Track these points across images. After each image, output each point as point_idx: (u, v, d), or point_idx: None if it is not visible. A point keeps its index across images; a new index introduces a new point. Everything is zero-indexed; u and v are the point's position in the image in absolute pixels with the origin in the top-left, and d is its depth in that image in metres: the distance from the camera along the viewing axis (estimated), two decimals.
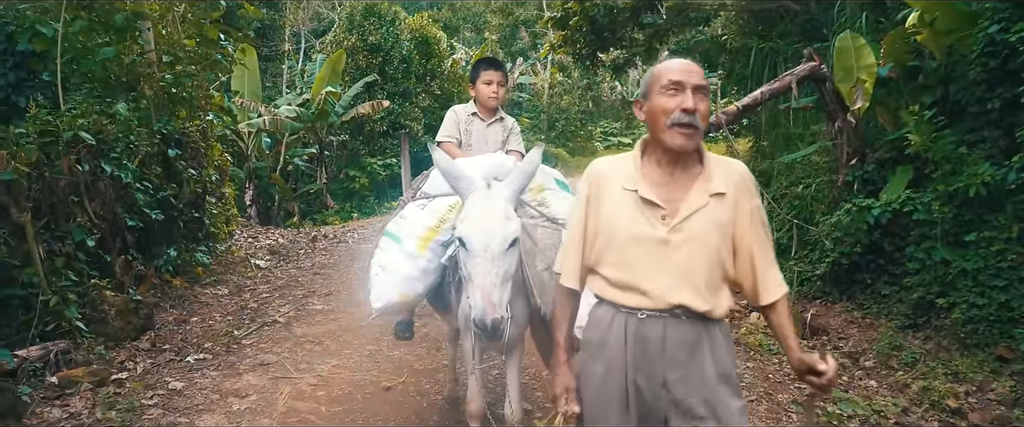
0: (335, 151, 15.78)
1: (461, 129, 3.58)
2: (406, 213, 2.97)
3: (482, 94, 3.53)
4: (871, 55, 5.68)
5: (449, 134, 3.56)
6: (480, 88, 3.54)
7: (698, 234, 1.76)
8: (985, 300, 4.27)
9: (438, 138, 3.55)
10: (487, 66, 3.58)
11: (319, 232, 9.60)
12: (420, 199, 3.03)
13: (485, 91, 3.52)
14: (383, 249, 2.90)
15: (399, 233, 2.88)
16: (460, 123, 3.58)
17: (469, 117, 3.60)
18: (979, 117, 4.85)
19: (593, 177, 1.90)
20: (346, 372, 4.45)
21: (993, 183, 4.38)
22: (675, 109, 1.74)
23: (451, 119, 3.61)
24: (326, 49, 17.23)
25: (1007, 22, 4.56)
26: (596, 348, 1.84)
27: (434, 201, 2.94)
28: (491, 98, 3.52)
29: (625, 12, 10.51)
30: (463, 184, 2.30)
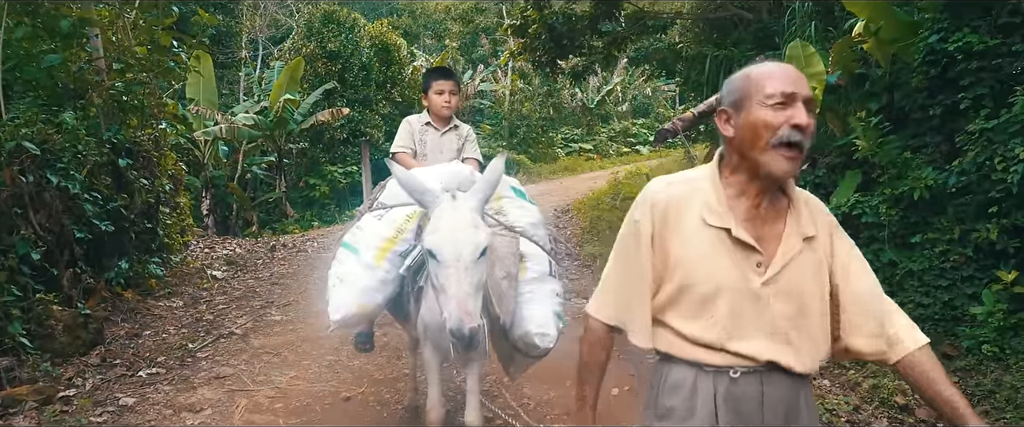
0: (294, 159, 15.58)
1: (416, 139, 3.60)
2: (363, 224, 2.97)
3: (434, 104, 3.57)
4: (820, 63, 5.83)
5: (403, 144, 3.58)
6: (432, 98, 3.58)
7: (796, 285, 1.46)
8: (930, 300, 4.41)
9: (393, 149, 3.60)
10: (438, 76, 3.62)
11: (278, 241, 9.46)
12: (377, 210, 3.03)
13: (437, 101, 3.56)
14: (340, 260, 2.88)
15: (356, 244, 2.87)
16: (414, 133, 3.61)
17: (423, 127, 3.62)
18: (922, 123, 5.02)
19: (657, 206, 1.52)
20: (305, 383, 4.39)
21: (936, 186, 4.53)
22: (783, 124, 1.41)
23: (405, 130, 3.63)
24: (284, 56, 17.02)
25: (946, 32, 4.74)
26: (681, 418, 1.49)
27: (391, 211, 2.94)
28: (444, 107, 3.57)
29: (583, 20, 10.61)
30: (428, 197, 2.32)
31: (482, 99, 20.98)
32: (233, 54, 19.15)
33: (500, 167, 2.40)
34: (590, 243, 8.02)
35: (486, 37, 23.95)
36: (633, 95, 25.28)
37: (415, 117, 3.70)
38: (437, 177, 2.70)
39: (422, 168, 3.05)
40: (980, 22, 4.68)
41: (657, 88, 23.47)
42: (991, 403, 3.66)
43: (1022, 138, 4.10)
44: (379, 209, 3.03)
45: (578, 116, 22.75)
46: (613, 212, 9.12)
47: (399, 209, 2.93)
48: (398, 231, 2.84)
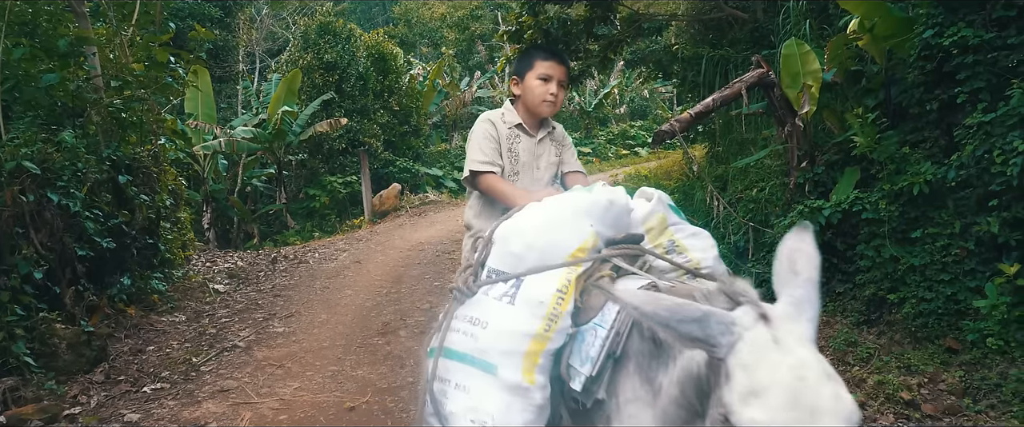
0: (294, 170, 15.60)
1: (503, 148, 2.51)
2: (479, 313, 1.87)
3: (534, 95, 2.52)
4: (816, 61, 5.84)
5: (490, 160, 2.46)
6: (532, 86, 2.53)
7: None
8: (933, 294, 4.40)
9: (473, 166, 2.45)
10: (545, 56, 2.56)
11: (279, 253, 9.47)
12: (489, 281, 1.92)
13: (539, 92, 2.52)
14: (462, 387, 1.82)
15: (482, 353, 1.81)
16: (501, 140, 2.51)
17: (512, 130, 2.54)
18: (919, 118, 5.02)
19: None
20: (309, 394, 4.39)
21: (935, 181, 4.53)
22: None
23: (486, 134, 2.51)
24: (281, 68, 17.06)
25: (941, 27, 4.74)
26: None
27: (524, 285, 1.85)
28: (546, 102, 2.53)
29: (579, 24, 10.63)
30: (713, 326, 1.23)
31: (479, 106, 21.01)
32: (231, 68, 19.21)
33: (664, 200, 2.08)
34: None
35: (482, 44, 24.01)
36: (630, 97, 25.30)
37: (497, 114, 2.60)
38: (576, 211, 1.92)
39: (550, 197, 2.10)
40: (975, 16, 4.68)
41: (654, 90, 23.50)
42: (998, 397, 3.65)
43: (1020, 131, 4.10)
44: (491, 279, 1.92)
45: (576, 119, 22.78)
46: None
47: (537, 282, 1.84)
48: (549, 320, 1.78)
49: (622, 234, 1.99)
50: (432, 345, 1.96)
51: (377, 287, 7.02)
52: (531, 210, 2.02)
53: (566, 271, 1.84)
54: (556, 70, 2.54)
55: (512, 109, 2.60)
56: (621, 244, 1.96)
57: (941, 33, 4.71)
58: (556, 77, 2.53)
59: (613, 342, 1.70)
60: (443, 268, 7.65)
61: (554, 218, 1.93)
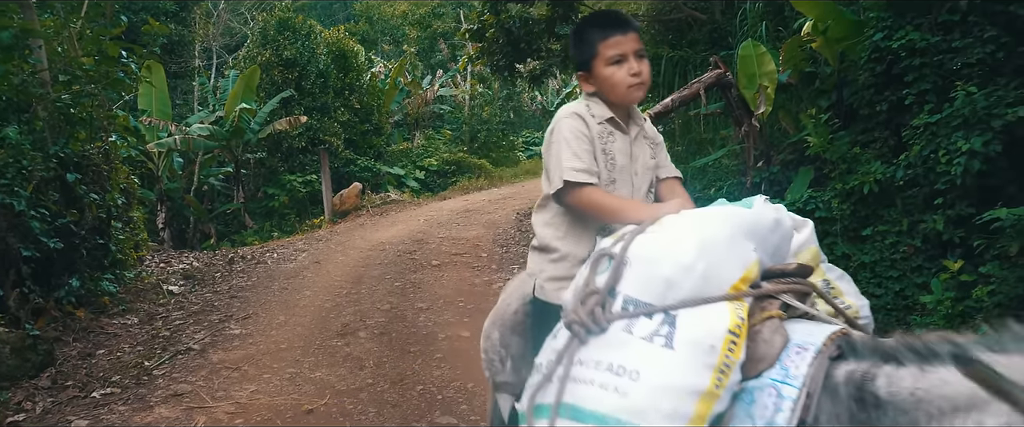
0: (252, 169, 15.31)
1: (595, 150, 1.97)
2: (621, 357, 1.41)
3: (617, 84, 1.97)
4: (772, 62, 5.96)
5: (587, 166, 1.92)
6: (608, 75, 1.97)
7: None
8: (883, 290, 4.53)
9: (569, 175, 1.89)
10: (605, 30, 1.99)
11: (237, 253, 9.28)
12: (629, 313, 1.47)
13: (620, 78, 1.96)
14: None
15: (637, 415, 1.35)
16: (594, 141, 1.97)
17: (603, 127, 2.00)
18: (870, 119, 5.16)
19: None
20: (266, 397, 4.31)
21: (884, 180, 4.66)
22: None
23: (579, 133, 1.95)
24: (239, 65, 16.74)
25: (890, 30, 4.88)
26: None
27: (680, 323, 1.41)
28: (635, 85, 1.98)
29: (540, 23, 10.66)
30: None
31: (442, 104, 20.93)
32: (186, 63, 18.76)
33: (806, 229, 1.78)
34: None
35: (444, 42, 23.91)
36: None
37: (581, 106, 2.01)
38: (738, 230, 1.53)
39: (663, 210, 1.74)
40: (921, 20, 4.83)
41: None
42: None
43: (964, 131, 4.23)
44: (629, 311, 1.47)
45: (539, 119, 22.85)
46: None
47: (699, 318, 1.41)
48: (720, 373, 1.37)
49: (780, 264, 1.61)
50: (540, 400, 1.48)
51: (337, 288, 6.93)
52: (680, 224, 1.57)
53: (733, 307, 1.42)
54: (625, 42, 1.95)
55: (598, 100, 2.02)
56: (788, 277, 1.56)
57: (890, 36, 4.85)
58: (630, 50, 1.96)
59: (804, 408, 1.28)
60: (404, 268, 7.60)
61: (714, 237, 1.49)
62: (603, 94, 2.02)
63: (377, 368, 4.69)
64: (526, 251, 8.12)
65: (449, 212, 11.52)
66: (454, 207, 12.13)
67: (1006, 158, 4.15)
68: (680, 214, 1.66)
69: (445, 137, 19.72)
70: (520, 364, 2.06)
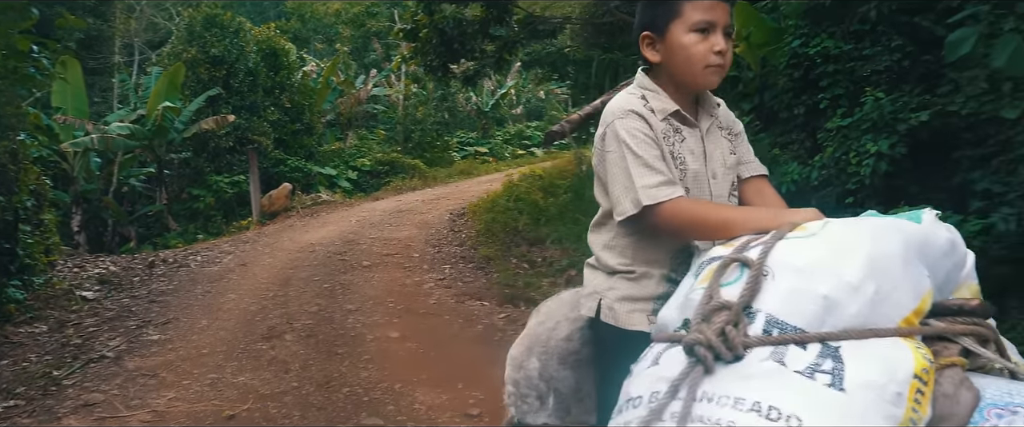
0: (176, 169, 14.76)
1: (664, 154, 1.55)
2: (769, 396, 1.04)
3: (692, 58, 1.53)
4: None
5: (667, 177, 1.50)
6: (686, 44, 1.53)
7: None
8: None
9: (649, 197, 1.47)
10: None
11: (157, 257, 8.92)
12: (774, 340, 1.11)
13: (699, 51, 1.52)
14: None
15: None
16: (658, 139, 1.55)
17: (666, 123, 1.58)
18: (788, 122, 5.37)
19: None
20: (184, 404, 4.16)
21: (800, 180, 4.85)
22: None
23: (644, 136, 1.53)
24: (163, 62, 16.14)
25: (807, 37, 5.10)
26: None
27: (852, 361, 1.07)
28: (714, 68, 1.55)
29: (474, 24, 10.67)
30: None
31: (375, 104, 20.68)
32: (106, 60, 17.94)
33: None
34: (485, 245, 8.05)
35: (378, 41, 23.64)
36: (527, 98, 25.64)
37: (635, 100, 1.58)
38: (910, 249, 1.19)
39: (785, 218, 1.34)
40: (835, 29, 5.05)
41: (550, 91, 23.93)
42: None
43: (873, 134, 4.45)
44: (773, 336, 1.12)
45: (473, 119, 22.84)
46: (508, 213, 9.20)
47: (873, 355, 1.08)
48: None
49: (956, 299, 1.28)
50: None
51: (263, 290, 6.75)
52: (840, 231, 1.22)
53: (914, 345, 1.10)
54: (718, 9, 1.51)
55: (656, 87, 1.59)
56: (966, 315, 1.23)
57: (807, 43, 5.06)
58: (721, 22, 1.51)
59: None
60: (334, 269, 7.46)
61: (888, 253, 1.15)
62: (669, 70, 1.57)
63: (303, 371, 4.59)
64: (458, 251, 8.09)
65: (382, 213, 11.39)
66: (387, 207, 12.00)
67: (910, 160, 4.38)
68: (829, 222, 1.27)
69: (378, 137, 19.47)
70: (570, 402, 1.70)
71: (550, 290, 6.27)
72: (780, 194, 5.22)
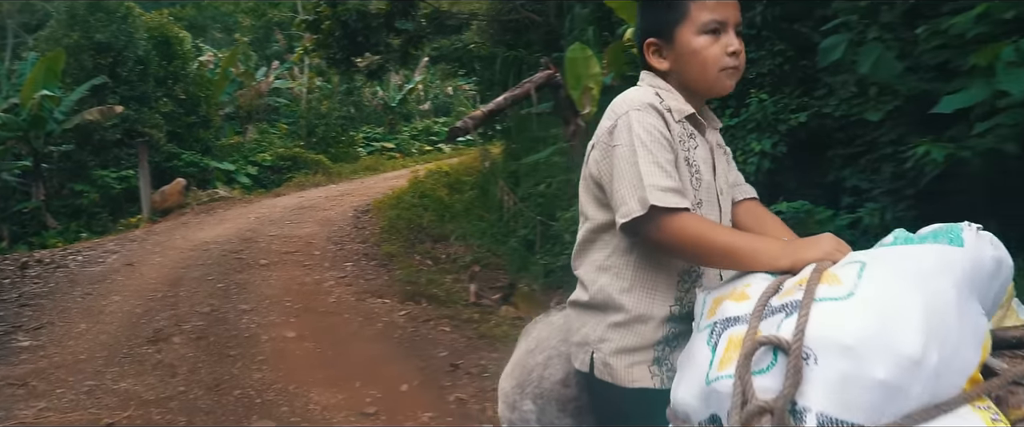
0: (56, 163, 13.74)
1: (679, 160, 1.38)
2: None
3: (707, 62, 1.39)
4: (597, 65, 6.27)
5: (677, 185, 1.32)
6: (698, 47, 1.39)
7: None
8: None
9: (659, 198, 1.27)
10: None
11: (32, 257, 8.28)
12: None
13: (714, 54, 1.39)
14: None
15: None
16: (675, 142, 1.38)
17: (681, 126, 1.42)
18: None
19: None
20: (56, 414, 3.88)
21: None
22: None
23: (660, 136, 1.34)
24: (41, 47, 15.00)
25: None
26: None
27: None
28: (730, 70, 1.41)
29: (379, 18, 10.50)
30: None
31: (277, 97, 19.99)
32: None
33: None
34: (388, 242, 7.96)
35: (281, 32, 22.87)
36: (435, 94, 25.49)
37: (654, 95, 1.41)
38: (962, 286, 1.02)
39: (808, 252, 1.19)
40: None
41: (458, 87, 23.89)
42: None
43: (757, 134, 4.70)
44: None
45: (380, 114, 22.48)
46: (412, 210, 9.13)
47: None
48: None
49: (1010, 327, 1.16)
50: None
51: (151, 291, 6.39)
52: (879, 280, 1.02)
53: (981, 411, 0.96)
54: (728, 7, 1.40)
55: (668, 87, 1.43)
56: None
57: None
58: (731, 21, 1.39)
59: None
60: (229, 268, 7.16)
61: (942, 304, 0.98)
62: (681, 76, 1.42)
63: (191, 374, 4.38)
64: (361, 248, 7.98)
65: (283, 209, 11.04)
66: (288, 204, 11.64)
67: (789, 158, 4.66)
68: (862, 266, 1.05)
69: (280, 131, 18.84)
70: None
71: (453, 287, 6.29)
72: None
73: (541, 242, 6.29)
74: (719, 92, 1.45)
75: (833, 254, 1.15)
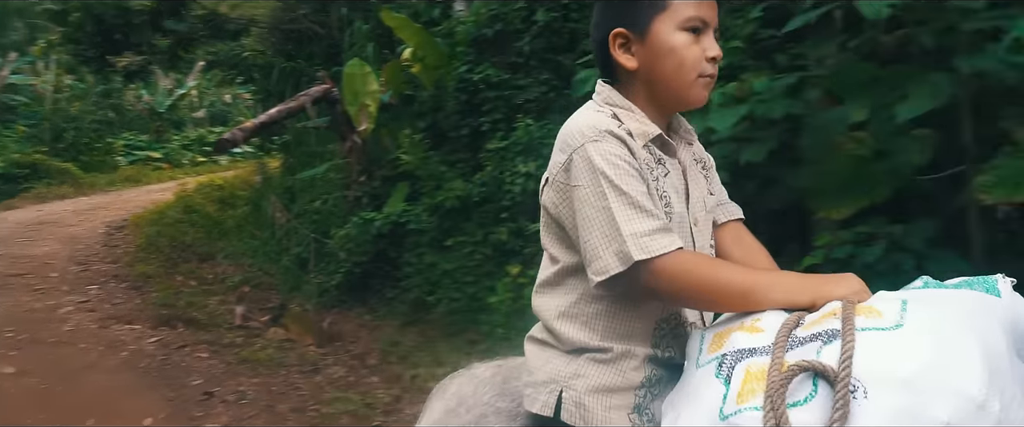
0: None
1: (650, 190, 1.18)
2: None
3: (688, 63, 1.20)
4: (375, 82, 6.29)
5: (662, 223, 1.14)
6: (676, 46, 1.20)
7: None
8: (461, 294, 5.07)
9: (642, 250, 1.09)
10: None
11: None
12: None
13: (692, 57, 1.19)
14: None
15: None
16: (643, 171, 1.18)
17: (647, 151, 1.22)
18: (456, 141, 5.79)
19: None
20: None
21: (464, 196, 5.25)
22: None
23: (627, 167, 1.15)
24: None
25: (473, 65, 5.56)
26: None
27: None
28: (706, 79, 1.22)
29: (143, 15, 9.62)
30: None
31: (15, 94, 17.32)
32: None
33: None
34: (145, 262, 7.23)
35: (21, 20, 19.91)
36: (211, 101, 23.72)
37: (609, 118, 1.21)
38: (1009, 341, 0.94)
39: (828, 290, 1.06)
40: (497, 58, 5.59)
41: (238, 96, 22.45)
42: None
43: (524, 157, 4.99)
44: None
45: (146, 120, 20.38)
46: (177, 226, 8.38)
47: None
48: None
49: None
50: None
51: None
52: (934, 317, 0.93)
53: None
54: (712, 7, 1.22)
55: (628, 104, 1.24)
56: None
57: (473, 70, 5.52)
58: (713, 23, 1.21)
59: None
60: None
61: (996, 350, 0.89)
62: (651, 80, 1.22)
63: None
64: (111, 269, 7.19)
65: (14, 225, 9.56)
66: (23, 218, 10.11)
67: None
68: (886, 295, 1.01)
69: (17, 134, 16.30)
70: None
71: (217, 309, 5.88)
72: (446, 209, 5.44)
73: (315, 261, 6.11)
74: (691, 103, 1.24)
75: (861, 294, 1.02)
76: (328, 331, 5.32)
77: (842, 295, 1.01)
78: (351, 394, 4.15)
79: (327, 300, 5.90)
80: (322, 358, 4.84)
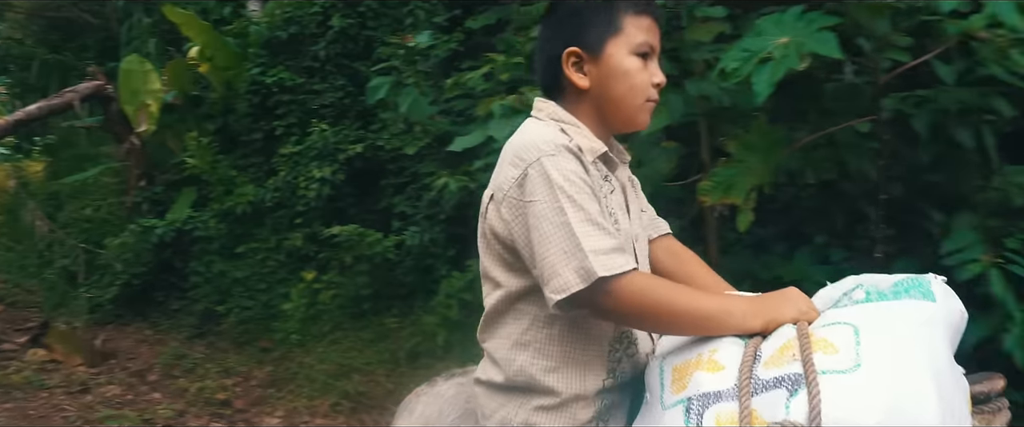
0: None
1: (602, 209, 1.17)
2: None
3: (637, 88, 1.25)
4: (157, 80, 5.90)
5: (619, 242, 1.14)
6: (629, 70, 1.24)
7: None
8: (253, 302, 4.94)
9: (603, 266, 1.07)
10: (650, 4, 1.29)
11: None
12: None
13: (641, 82, 1.25)
14: None
15: None
16: (598, 193, 1.18)
17: (595, 166, 1.24)
18: (248, 145, 5.61)
19: None
20: None
21: (256, 201, 5.11)
22: None
23: (583, 184, 1.14)
24: None
25: (266, 67, 5.43)
26: None
27: None
28: (653, 102, 1.28)
29: None
30: None
31: None
32: None
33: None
34: None
35: None
36: None
37: (557, 132, 1.21)
38: (950, 351, 1.05)
39: (783, 309, 1.12)
40: (292, 62, 5.51)
41: None
42: (297, 383, 4.30)
43: (318, 161, 4.98)
44: None
45: None
46: None
47: None
48: None
49: (980, 381, 1.14)
50: None
51: None
52: (880, 349, 0.96)
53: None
54: (655, 33, 1.27)
55: (575, 120, 1.26)
56: (995, 401, 1.14)
57: (266, 73, 5.39)
58: (657, 50, 1.27)
59: None
60: None
61: (941, 367, 0.97)
62: (600, 100, 1.25)
63: None
64: None
65: None
66: None
67: (349, 185, 5.04)
68: (834, 319, 1.05)
69: None
70: None
71: None
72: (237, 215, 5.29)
73: (87, 273, 5.59)
74: (637, 125, 1.28)
75: (809, 313, 1.08)
76: (101, 349, 4.90)
77: (792, 318, 1.07)
78: (127, 411, 3.89)
79: (100, 316, 5.43)
80: (93, 377, 4.46)
